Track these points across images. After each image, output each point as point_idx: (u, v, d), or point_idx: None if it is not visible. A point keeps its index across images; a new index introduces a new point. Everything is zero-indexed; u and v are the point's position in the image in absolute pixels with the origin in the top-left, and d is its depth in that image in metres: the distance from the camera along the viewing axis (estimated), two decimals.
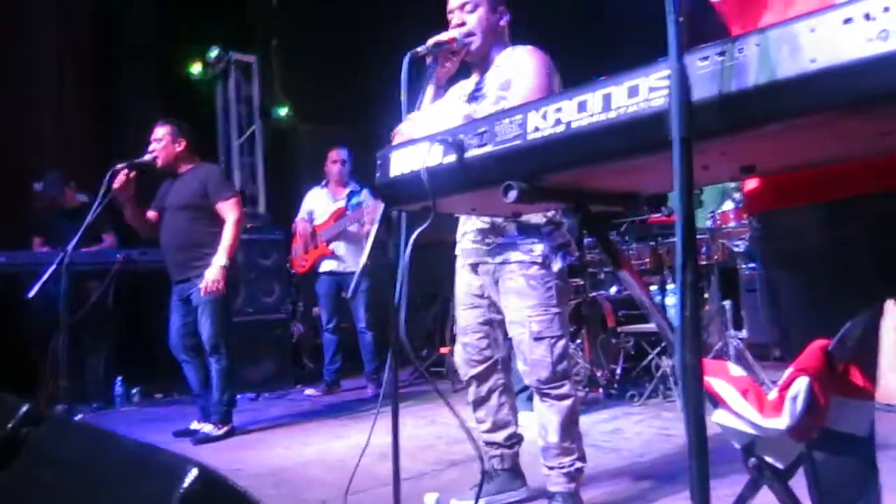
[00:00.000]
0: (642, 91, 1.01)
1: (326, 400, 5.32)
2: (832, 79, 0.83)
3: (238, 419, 4.28)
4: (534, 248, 2.44)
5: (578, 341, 4.86)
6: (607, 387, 4.66)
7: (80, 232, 3.63)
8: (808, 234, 1.24)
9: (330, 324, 5.52)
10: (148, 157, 4.09)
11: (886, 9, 0.80)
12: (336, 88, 7.23)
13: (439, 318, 6.37)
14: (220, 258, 3.99)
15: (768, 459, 1.10)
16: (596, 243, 5.23)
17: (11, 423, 1.33)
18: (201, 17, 7.01)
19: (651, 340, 4.58)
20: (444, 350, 5.50)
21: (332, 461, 3.45)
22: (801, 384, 0.99)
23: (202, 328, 4.05)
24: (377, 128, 1.99)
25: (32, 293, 3.56)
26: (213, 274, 3.96)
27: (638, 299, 1.28)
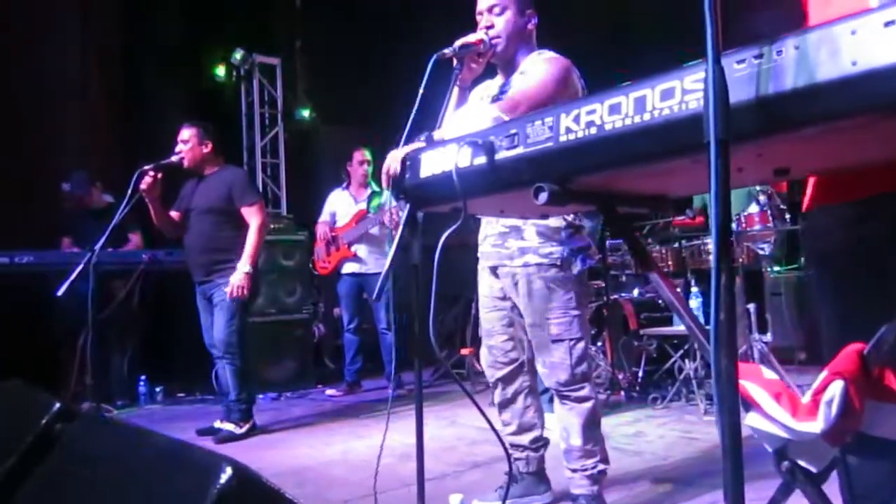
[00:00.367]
0: (677, 93, 1.00)
1: (348, 400, 5.34)
2: (874, 81, 0.83)
3: (260, 419, 4.32)
4: (552, 251, 2.44)
5: (600, 344, 4.84)
6: (629, 389, 4.64)
7: (108, 232, 3.67)
8: (836, 234, 1.24)
9: (351, 324, 5.55)
10: (174, 159, 4.13)
11: None
12: (358, 90, 7.28)
13: (460, 320, 6.37)
14: (244, 265, 4.06)
15: (801, 463, 1.09)
16: (618, 246, 5.24)
17: (45, 420, 1.35)
18: (226, 20, 7.10)
19: (674, 343, 4.55)
20: (466, 351, 5.50)
21: (355, 461, 3.47)
22: (837, 388, 0.98)
23: (216, 328, 4.11)
24: (399, 130, 1.99)
25: (61, 291, 3.61)
26: (238, 280, 4.03)
27: (667, 301, 1.27)
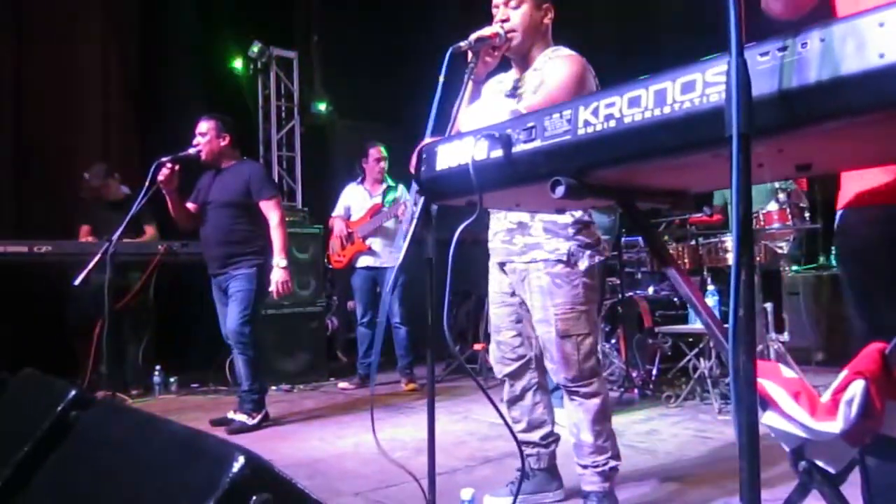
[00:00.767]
0: (698, 86, 0.99)
1: (360, 393, 5.34)
2: None
3: (273, 410, 4.33)
4: (559, 247, 2.42)
5: (614, 341, 4.82)
6: (643, 387, 4.62)
7: (125, 223, 3.70)
8: (870, 230, 1.22)
9: (364, 318, 5.56)
10: (192, 151, 4.14)
11: None
12: (375, 85, 7.29)
13: (472, 315, 6.37)
14: (280, 260, 4.17)
15: (819, 463, 1.08)
16: (633, 243, 5.21)
17: (61, 407, 1.37)
18: (243, 14, 7.13)
19: (688, 341, 4.52)
20: (478, 347, 5.49)
21: (367, 454, 3.47)
22: (858, 387, 0.97)
23: (229, 318, 4.13)
24: (415, 124, 1.99)
25: (78, 281, 3.64)
26: (279, 276, 4.14)
27: (685, 297, 1.26)
